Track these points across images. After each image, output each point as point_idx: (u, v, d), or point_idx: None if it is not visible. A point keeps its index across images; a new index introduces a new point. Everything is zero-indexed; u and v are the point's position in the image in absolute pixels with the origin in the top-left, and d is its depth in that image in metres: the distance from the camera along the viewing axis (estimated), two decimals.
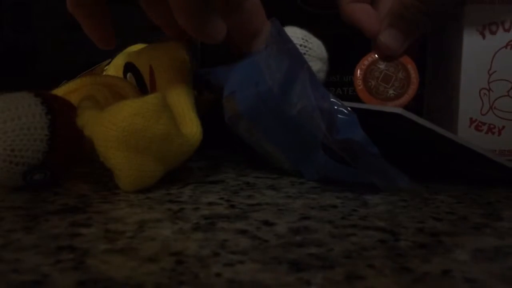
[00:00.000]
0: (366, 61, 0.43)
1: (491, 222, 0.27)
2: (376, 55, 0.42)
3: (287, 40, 0.33)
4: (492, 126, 0.42)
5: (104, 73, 0.46)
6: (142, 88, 0.42)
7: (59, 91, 0.40)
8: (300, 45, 0.41)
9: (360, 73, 0.43)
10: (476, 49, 0.42)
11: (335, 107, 0.32)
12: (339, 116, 0.31)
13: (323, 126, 0.31)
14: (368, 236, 0.24)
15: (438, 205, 0.30)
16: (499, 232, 0.26)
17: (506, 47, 0.42)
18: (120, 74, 0.43)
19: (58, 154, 0.32)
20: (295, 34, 0.42)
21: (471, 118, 0.42)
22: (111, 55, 0.46)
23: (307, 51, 0.41)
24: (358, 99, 0.51)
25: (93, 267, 0.21)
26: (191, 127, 0.35)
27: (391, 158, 0.31)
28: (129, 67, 0.43)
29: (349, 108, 0.31)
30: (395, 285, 0.19)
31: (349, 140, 0.30)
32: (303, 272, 0.20)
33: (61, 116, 0.32)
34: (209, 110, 0.40)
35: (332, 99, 0.32)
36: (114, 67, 0.44)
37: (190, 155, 0.35)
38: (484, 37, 0.41)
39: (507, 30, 0.41)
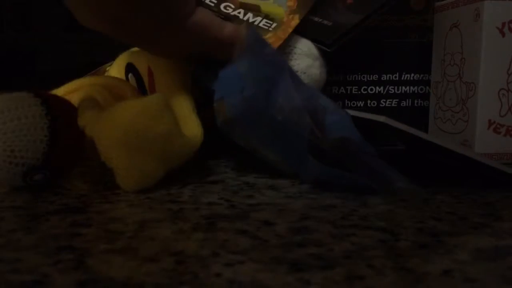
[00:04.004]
0: None
1: (491, 222, 0.27)
2: None
3: (265, 45, 0.33)
4: (510, 128, 0.41)
5: (106, 73, 0.46)
6: (142, 88, 0.42)
7: (59, 92, 0.40)
8: (288, 46, 0.42)
9: None
10: (495, 48, 0.41)
11: (326, 107, 0.32)
12: (332, 115, 0.31)
13: (312, 126, 0.31)
14: (368, 236, 0.24)
15: (438, 205, 0.30)
16: (499, 232, 0.26)
17: None
18: (123, 74, 0.43)
19: (58, 154, 0.32)
20: None
21: (489, 120, 0.41)
22: (111, 55, 0.46)
23: (292, 49, 0.42)
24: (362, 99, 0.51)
25: (93, 267, 0.21)
26: (192, 128, 0.35)
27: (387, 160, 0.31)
28: (130, 68, 0.43)
29: (342, 108, 0.32)
30: (395, 285, 0.19)
31: (344, 140, 0.30)
32: (303, 272, 0.20)
33: (61, 117, 0.32)
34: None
35: (321, 99, 0.32)
36: (117, 67, 0.44)
37: (191, 156, 0.35)
38: (503, 35, 0.41)
39: None
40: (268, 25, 0.41)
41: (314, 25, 0.46)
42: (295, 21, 0.42)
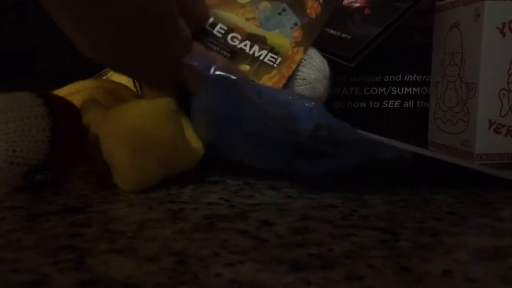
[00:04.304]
0: None
1: (491, 222, 0.27)
2: None
3: (219, 72, 0.34)
4: (511, 128, 0.41)
5: (109, 74, 0.46)
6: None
7: (61, 92, 0.40)
8: (306, 54, 0.43)
9: None
10: (495, 48, 0.41)
11: (297, 103, 0.32)
12: (303, 113, 0.32)
13: (284, 129, 0.32)
14: (368, 236, 0.24)
15: (438, 205, 0.30)
16: (499, 232, 0.26)
17: None
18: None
19: (59, 155, 0.32)
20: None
21: (490, 120, 0.41)
22: None
23: (307, 59, 0.43)
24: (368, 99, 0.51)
25: (93, 267, 0.21)
26: (193, 142, 0.35)
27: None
28: None
29: (311, 100, 0.32)
30: (395, 285, 0.19)
31: (316, 127, 0.31)
32: (303, 272, 0.20)
33: (63, 118, 0.32)
34: None
35: (291, 97, 0.32)
36: None
37: (191, 167, 0.35)
38: (504, 35, 0.41)
39: None
40: (273, 60, 0.41)
41: (332, 39, 0.46)
42: (299, 55, 0.42)
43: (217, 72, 0.34)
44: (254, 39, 0.42)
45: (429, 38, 0.51)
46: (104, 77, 0.49)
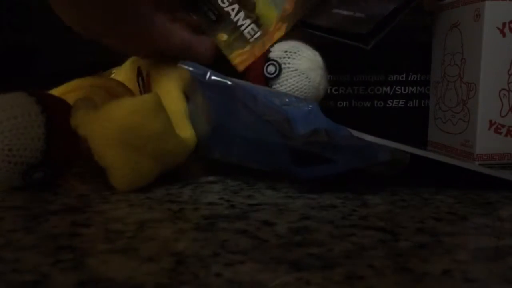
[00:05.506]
0: None
1: (491, 222, 0.27)
2: None
3: (214, 77, 0.34)
4: (511, 128, 0.41)
5: (113, 75, 0.46)
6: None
7: (56, 91, 0.40)
8: (292, 47, 0.43)
9: None
10: (495, 48, 0.41)
11: (293, 106, 0.32)
12: (298, 117, 0.32)
13: (281, 134, 0.32)
14: (368, 236, 0.24)
15: (438, 205, 0.30)
16: (499, 232, 0.26)
17: None
18: (134, 76, 0.43)
19: (56, 151, 0.32)
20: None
21: (490, 120, 0.41)
22: (112, 55, 0.46)
23: (297, 51, 0.43)
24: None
25: (93, 267, 0.21)
26: (185, 131, 0.35)
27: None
28: (139, 72, 0.43)
29: (308, 102, 0.32)
30: (395, 285, 0.19)
31: (312, 132, 0.31)
32: (303, 272, 0.20)
33: (57, 114, 0.32)
34: None
35: (288, 99, 0.33)
36: (129, 69, 0.44)
37: (184, 158, 0.35)
38: (504, 35, 0.41)
39: None
40: (252, 33, 0.41)
41: (345, 20, 0.45)
42: (280, 32, 0.42)
43: (213, 78, 0.34)
44: (243, 2, 0.42)
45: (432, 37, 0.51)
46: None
